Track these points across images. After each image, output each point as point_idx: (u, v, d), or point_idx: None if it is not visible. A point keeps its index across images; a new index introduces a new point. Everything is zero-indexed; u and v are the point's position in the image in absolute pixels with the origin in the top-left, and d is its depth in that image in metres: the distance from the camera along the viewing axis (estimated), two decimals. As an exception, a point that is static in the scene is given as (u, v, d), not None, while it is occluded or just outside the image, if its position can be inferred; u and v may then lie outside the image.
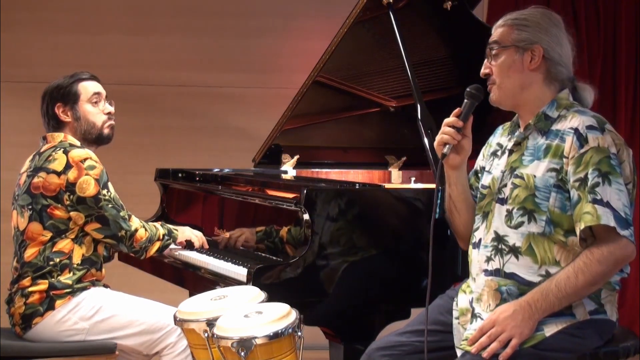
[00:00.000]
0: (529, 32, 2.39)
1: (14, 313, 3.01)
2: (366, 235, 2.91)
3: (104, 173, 3.03)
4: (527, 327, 2.26)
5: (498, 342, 2.25)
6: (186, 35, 5.11)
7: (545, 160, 2.33)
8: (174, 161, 4.15)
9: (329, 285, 2.82)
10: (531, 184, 2.33)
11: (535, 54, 2.38)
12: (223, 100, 5.15)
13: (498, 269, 2.37)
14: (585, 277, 2.24)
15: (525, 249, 2.33)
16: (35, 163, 3.06)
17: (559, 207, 2.30)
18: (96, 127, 3.13)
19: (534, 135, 2.41)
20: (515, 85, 2.41)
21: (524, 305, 2.26)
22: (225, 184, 3.57)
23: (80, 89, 3.12)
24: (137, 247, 3.08)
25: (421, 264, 2.94)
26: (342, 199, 2.90)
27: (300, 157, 3.96)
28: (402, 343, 2.48)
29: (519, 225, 2.34)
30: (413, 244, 2.97)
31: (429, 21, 3.62)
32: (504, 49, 2.41)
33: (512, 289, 2.34)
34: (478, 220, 2.50)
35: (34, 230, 2.99)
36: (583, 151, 2.27)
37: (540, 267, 2.32)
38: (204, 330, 2.36)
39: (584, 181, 2.26)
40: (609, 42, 5.11)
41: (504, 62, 2.41)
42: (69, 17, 5.05)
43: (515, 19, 2.43)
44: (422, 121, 3.21)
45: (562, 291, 2.25)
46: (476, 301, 2.42)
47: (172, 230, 3.22)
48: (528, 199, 2.33)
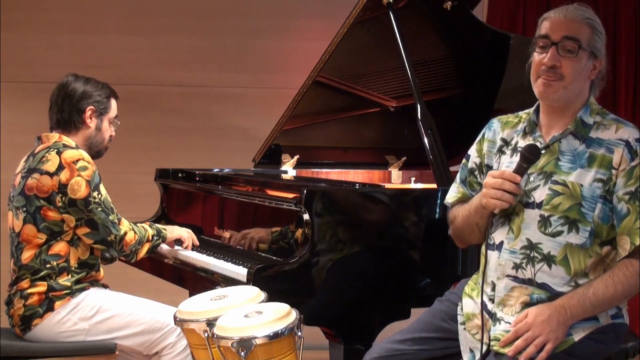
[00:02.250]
0: (601, 42, 2.34)
1: (13, 314, 3.00)
2: (366, 235, 2.91)
3: (95, 174, 3.01)
4: (562, 331, 2.24)
5: (534, 346, 2.23)
6: (186, 35, 5.11)
7: (591, 170, 2.29)
8: (174, 161, 4.15)
9: (329, 285, 2.82)
10: (577, 193, 2.28)
11: (597, 65, 2.35)
12: (223, 100, 5.15)
13: (530, 279, 2.32)
14: (624, 288, 2.24)
15: (560, 258, 2.29)
16: (29, 164, 3.05)
17: (602, 218, 2.28)
18: (103, 144, 3.19)
19: (568, 140, 2.35)
20: (578, 90, 2.35)
21: (560, 309, 2.25)
22: (225, 184, 3.57)
23: (112, 105, 3.20)
24: (127, 250, 3.06)
25: (421, 263, 2.94)
26: (342, 199, 2.89)
27: (300, 157, 3.96)
28: (403, 352, 2.45)
29: (557, 234, 2.29)
30: (413, 244, 2.97)
31: (429, 21, 3.62)
32: (583, 51, 2.31)
33: (543, 297, 2.31)
34: (496, 221, 2.41)
35: (28, 232, 2.99)
36: (634, 164, 2.26)
37: (571, 279, 2.29)
38: (204, 330, 2.36)
39: (634, 195, 2.25)
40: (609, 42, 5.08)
41: (579, 64, 2.32)
42: (69, 17, 5.05)
43: (592, 21, 2.34)
44: (422, 121, 3.21)
45: (599, 299, 2.24)
46: (497, 305, 2.37)
47: (161, 230, 3.21)
48: (573, 209, 2.28)
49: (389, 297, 2.96)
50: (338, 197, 2.89)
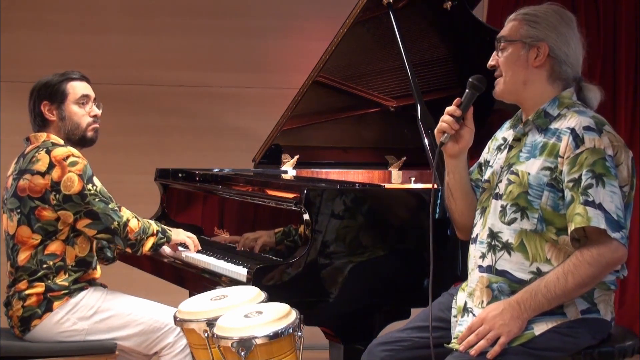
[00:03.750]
0: (537, 29, 2.39)
1: (12, 316, 3.00)
2: (366, 235, 2.91)
3: (87, 167, 2.98)
4: (516, 325, 2.26)
5: (486, 340, 2.26)
6: (186, 35, 5.11)
7: (540, 158, 2.34)
8: (174, 161, 4.15)
9: (329, 286, 2.82)
10: (525, 181, 2.34)
11: (540, 51, 2.38)
12: (223, 100, 5.15)
13: (490, 266, 2.38)
14: (574, 279, 2.24)
15: (517, 245, 2.34)
16: (20, 165, 3.03)
17: (552, 205, 2.31)
18: (80, 128, 3.09)
19: (533, 131, 2.41)
20: (519, 80, 2.41)
21: (513, 304, 2.28)
22: (225, 184, 3.56)
23: (69, 88, 3.09)
24: (132, 238, 3.01)
25: (421, 264, 2.94)
26: (342, 199, 2.89)
27: (300, 157, 3.96)
28: (402, 338, 2.49)
29: (512, 222, 2.35)
30: (413, 244, 2.97)
31: (429, 21, 3.62)
32: (511, 43, 2.41)
33: (503, 286, 2.35)
34: (477, 215, 2.51)
35: (23, 234, 2.98)
36: (578, 152, 2.27)
37: (531, 264, 2.32)
38: (204, 330, 2.36)
39: (577, 182, 2.26)
40: (609, 42, 5.11)
41: (509, 56, 2.41)
42: (69, 17, 5.06)
43: (526, 14, 2.43)
44: (422, 121, 3.21)
45: (551, 292, 2.26)
46: (469, 296, 2.44)
47: (166, 230, 3.18)
48: (521, 196, 2.34)
49: (389, 297, 2.96)
50: (338, 197, 2.89)
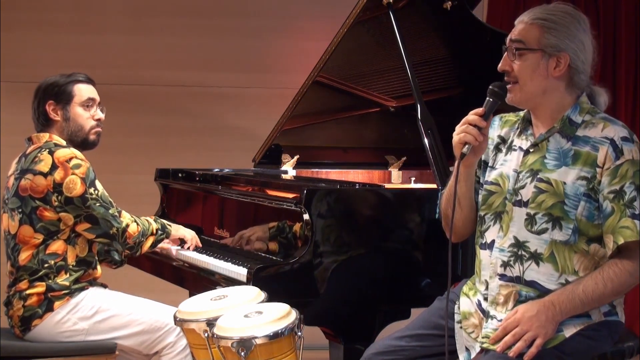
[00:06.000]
0: (557, 38, 2.31)
1: (12, 315, 3.00)
2: (366, 235, 2.91)
3: (90, 171, 2.99)
4: (551, 327, 2.25)
5: (523, 341, 2.23)
6: (186, 35, 5.11)
7: (575, 167, 2.29)
8: (174, 161, 4.15)
9: (329, 285, 2.82)
10: (560, 190, 2.29)
11: (561, 61, 2.32)
12: (223, 100, 5.15)
13: (519, 277, 2.33)
14: (613, 286, 2.24)
15: (547, 255, 2.30)
16: (21, 165, 3.04)
17: (587, 216, 2.28)
18: (83, 130, 3.10)
19: (556, 138, 2.35)
20: (538, 90, 2.34)
21: (548, 305, 2.25)
22: (225, 184, 3.57)
23: (76, 90, 3.10)
24: (130, 242, 3.05)
25: (421, 263, 2.94)
26: (343, 199, 2.90)
27: (300, 157, 3.96)
28: (402, 348, 2.45)
29: (542, 232, 2.30)
30: (413, 244, 2.97)
31: (429, 21, 3.62)
32: (530, 51, 2.33)
33: (531, 295, 2.32)
34: (489, 219, 2.43)
35: (25, 233, 2.98)
36: (619, 163, 2.25)
37: (560, 276, 2.30)
38: (204, 330, 2.36)
39: (619, 194, 2.24)
40: (609, 42, 5.11)
41: (529, 65, 2.33)
42: (69, 17, 5.05)
43: (545, 20, 2.33)
44: (422, 121, 3.21)
45: (589, 296, 2.24)
46: (491, 304, 2.38)
47: (165, 226, 3.20)
48: (556, 206, 2.29)
49: (389, 297, 2.96)
50: (338, 197, 2.89)
